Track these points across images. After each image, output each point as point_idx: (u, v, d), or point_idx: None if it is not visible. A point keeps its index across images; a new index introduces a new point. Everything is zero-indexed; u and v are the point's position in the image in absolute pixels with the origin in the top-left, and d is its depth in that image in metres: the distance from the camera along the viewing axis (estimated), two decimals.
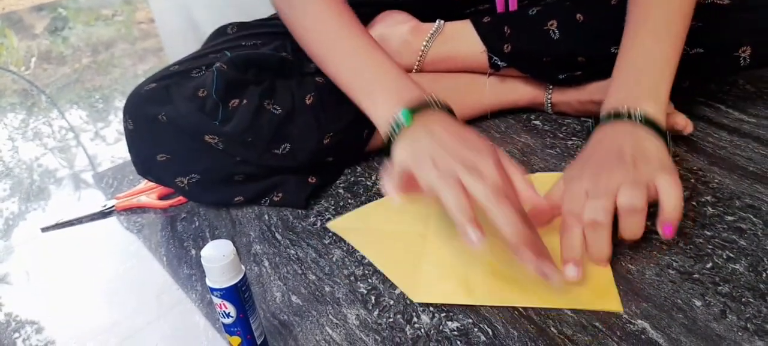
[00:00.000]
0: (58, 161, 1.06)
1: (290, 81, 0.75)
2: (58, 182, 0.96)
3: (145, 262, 0.69)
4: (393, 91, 0.62)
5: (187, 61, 0.78)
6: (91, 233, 0.77)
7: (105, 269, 0.70)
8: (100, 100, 1.42)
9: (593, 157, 0.59)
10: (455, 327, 0.52)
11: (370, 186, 0.75)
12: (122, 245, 0.74)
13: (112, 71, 1.66)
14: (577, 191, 0.56)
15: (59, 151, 1.11)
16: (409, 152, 0.57)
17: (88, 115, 1.33)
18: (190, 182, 0.73)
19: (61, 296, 0.67)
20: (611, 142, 0.59)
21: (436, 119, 0.59)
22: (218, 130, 0.70)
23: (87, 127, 1.25)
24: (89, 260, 0.72)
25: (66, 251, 0.75)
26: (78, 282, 0.69)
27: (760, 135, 0.73)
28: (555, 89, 0.83)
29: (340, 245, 0.65)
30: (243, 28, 0.87)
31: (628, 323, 0.50)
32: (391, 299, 0.57)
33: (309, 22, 0.70)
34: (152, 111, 0.71)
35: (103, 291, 0.67)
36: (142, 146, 0.73)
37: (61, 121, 1.31)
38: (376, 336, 0.53)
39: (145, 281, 0.67)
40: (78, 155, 1.08)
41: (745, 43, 0.71)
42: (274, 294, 0.60)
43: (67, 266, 0.72)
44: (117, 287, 0.67)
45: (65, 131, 1.24)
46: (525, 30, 0.79)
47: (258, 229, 0.70)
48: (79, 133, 1.22)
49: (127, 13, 2.43)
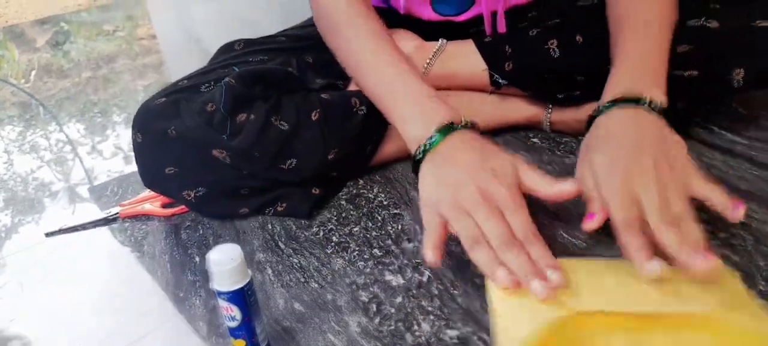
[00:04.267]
0: (53, 174, 1.06)
1: (296, 96, 0.77)
2: (53, 195, 0.96)
3: (148, 269, 0.70)
4: (426, 113, 0.63)
5: (195, 76, 0.80)
6: (95, 240, 0.78)
7: (107, 275, 0.71)
8: (99, 114, 1.42)
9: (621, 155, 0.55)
10: (455, 335, 0.53)
11: (371, 198, 0.76)
12: (126, 252, 0.74)
13: (112, 86, 1.67)
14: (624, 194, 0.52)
15: (55, 163, 1.11)
16: (431, 185, 0.58)
17: (86, 129, 1.33)
18: (196, 195, 0.74)
19: (59, 305, 0.68)
20: (637, 135, 0.57)
21: (460, 141, 0.60)
22: (226, 144, 0.71)
23: (84, 141, 1.25)
24: (91, 267, 0.73)
25: (67, 257, 0.76)
26: (78, 289, 0.70)
27: (752, 156, 0.74)
28: (554, 109, 0.85)
29: (341, 254, 0.66)
30: (250, 44, 0.89)
31: None
32: (392, 307, 0.58)
33: (350, 38, 0.73)
34: (161, 125, 0.72)
35: (106, 298, 0.68)
36: (151, 159, 0.75)
37: (59, 134, 1.31)
38: (377, 343, 0.54)
39: (148, 289, 0.67)
40: (74, 169, 1.08)
41: (738, 66, 0.73)
42: (277, 301, 0.61)
43: (66, 273, 0.73)
44: (120, 293, 0.68)
45: (62, 144, 1.24)
46: (526, 49, 0.81)
47: (261, 238, 0.72)
48: (77, 146, 1.22)
49: (128, 28, 2.45)
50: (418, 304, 0.58)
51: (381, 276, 0.62)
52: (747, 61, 0.73)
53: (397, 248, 0.66)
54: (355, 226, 0.71)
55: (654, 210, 0.51)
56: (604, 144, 0.58)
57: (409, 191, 0.76)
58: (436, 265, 0.55)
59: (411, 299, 0.58)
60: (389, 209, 0.73)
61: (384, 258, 0.65)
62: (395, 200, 0.75)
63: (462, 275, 0.60)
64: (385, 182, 0.79)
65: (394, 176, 0.80)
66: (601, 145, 0.58)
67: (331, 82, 0.82)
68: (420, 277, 0.61)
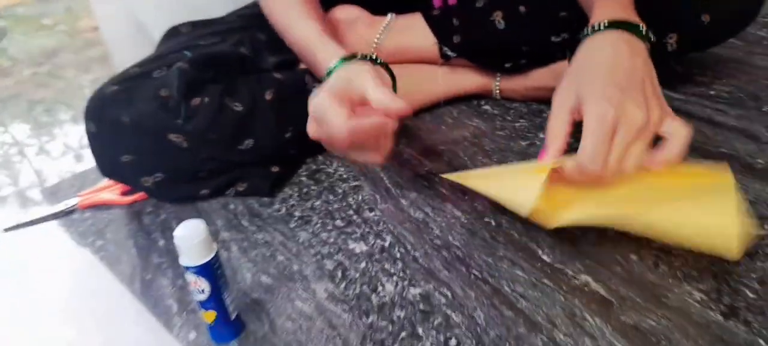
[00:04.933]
0: (0, 178, 1.02)
1: (249, 78, 0.78)
2: (1, 200, 0.93)
3: (111, 257, 0.70)
4: (334, 52, 0.68)
5: (146, 63, 0.79)
6: (52, 232, 0.78)
7: (72, 266, 0.71)
8: (44, 113, 1.37)
9: (614, 79, 0.55)
10: (418, 293, 0.56)
11: (331, 173, 0.78)
12: (88, 242, 0.74)
13: (55, 83, 1.61)
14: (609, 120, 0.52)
15: (2, 167, 1.08)
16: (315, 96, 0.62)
17: (32, 129, 1.28)
18: (155, 181, 0.74)
19: (23, 302, 0.67)
20: (627, 61, 0.56)
21: (342, 74, 0.63)
22: (182, 128, 0.72)
23: (31, 141, 1.20)
24: (50, 260, 0.73)
25: (28, 251, 0.75)
26: (39, 284, 0.69)
27: (688, 110, 0.80)
28: (502, 77, 0.88)
29: (305, 228, 0.68)
30: (198, 26, 0.89)
31: (573, 279, 0.55)
32: (356, 272, 0.60)
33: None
34: (115, 113, 0.72)
35: (71, 290, 0.67)
36: (106, 148, 0.74)
37: (3, 136, 1.25)
38: (344, 306, 0.56)
39: (112, 274, 0.68)
40: (22, 171, 1.04)
41: (671, 31, 0.78)
42: (244, 275, 0.62)
43: (29, 267, 0.72)
44: (88, 280, 0.68)
45: (8, 146, 1.19)
46: (472, 22, 0.84)
47: (224, 217, 0.73)
48: (24, 147, 1.17)
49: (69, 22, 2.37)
50: (382, 267, 0.60)
51: (344, 245, 0.64)
52: (680, 27, 0.77)
53: (358, 217, 0.68)
54: (317, 200, 0.73)
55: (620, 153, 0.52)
56: (597, 68, 0.57)
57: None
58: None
59: (374, 263, 0.61)
60: (349, 182, 0.76)
61: (346, 228, 0.67)
62: (354, 173, 0.77)
63: (421, 237, 0.63)
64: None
65: None
66: (594, 68, 0.57)
67: (285, 58, 0.82)
68: (382, 242, 0.64)
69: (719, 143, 0.71)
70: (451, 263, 0.59)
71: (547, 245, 0.59)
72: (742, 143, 0.70)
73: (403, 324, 0.53)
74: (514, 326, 0.51)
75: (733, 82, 0.85)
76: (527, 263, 0.58)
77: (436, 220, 0.65)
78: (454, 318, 0.53)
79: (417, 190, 0.71)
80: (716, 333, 0.48)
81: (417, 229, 0.65)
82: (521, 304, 0.53)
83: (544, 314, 0.52)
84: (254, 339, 0.55)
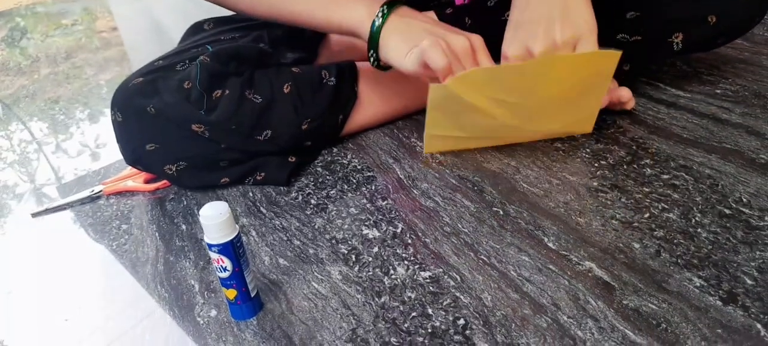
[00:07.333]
0: (18, 176, 1.03)
1: (268, 71, 0.81)
2: (18, 197, 0.95)
3: (136, 239, 0.74)
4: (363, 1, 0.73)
5: (170, 56, 0.83)
6: (80, 217, 0.81)
7: (98, 248, 0.74)
8: (61, 111, 1.38)
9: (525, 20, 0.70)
10: (428, 276, 0.59)
11: (346, 164, 0.81)
12: (115, 225, 0.77)
13: (73, 82, 1.63)
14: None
15: (19, 165, 1.09)
16: (402, 36, 0.70)
17: (49, 127, 1.29)
18: (178, 169, 0.78)
19: (54, 281, 0.70)
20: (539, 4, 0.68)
21: (408, 10, 0.72)
22: (204, 119, 0.75)
23: (48, 139, 1.22)
24: (76, 244, 0.76)
25: (55, 236, 0.78)
26: (67, 267, 0.72)
27: (693, 107, 0.82)
28: None
29: (320, 215, 0.71)
30: (220, 23, 0.92)
31: (578, 265, 0.57)
32: (369, 256, 0.63)
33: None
34: (140, 103, 0.75)
35: (99, 271, 0.71)
36: (131, 137, 0.78)
37: (21, 134, 1.27)
38: (357, 287, 0.59)
39: (139, 257, 0.71)
40: (39, 169, 1.05)
41: (677, 31, 0.80)
42: (263, 258, 0.65)
43: (56, 250, 0.75)
44: (114, 262, 0.71)
45: (25, 144, 1.21)
46: (484, 21, 0.86)
47: (244, 205, 0.76)
48: (40, 145, 1.18)
49: (87, 22, 2.40)
50: (394, 252, 0.63)
51: (359, 231, 0.67)
52: (686, 27, 0.79)
53: (371, 205, 0.71)
54: (332, 189, 0.76)
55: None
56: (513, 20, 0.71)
57: (381, 156, 0.81)
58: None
59: (387, 248, 0.64)
60: (363, 173, 0.78)
61: (360, 215, 0.70)
62: (368, 164, 0.80)
63: (432, 225, 0.66)
64: (358, 149, 0.84)
65: (366, 143, 0.85)
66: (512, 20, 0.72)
67: (302, 56, 0.85)
68: (394, 229, 0.66)
69: (723, 139, 0.73)
70: (460, 249, 0.62)
71: (553, 234, 0.62)
72: (746, 139, 0.72)
73: (414, 304, 0.56)
74: (520, 308, 0.54)
75: (739, 82, 0.87)
76: (533, 249, 0.60)
77: (446, 209, 0.68)
78: (462, 299, 0.55)
79: (428, 181, 0.74)
80: (715, 317, 0.50)
81: (428, 217, 0.67)
82: (527, 287, 0.56)
83: (549, 296, 0.54)
84: (272, 317, 0.57)
